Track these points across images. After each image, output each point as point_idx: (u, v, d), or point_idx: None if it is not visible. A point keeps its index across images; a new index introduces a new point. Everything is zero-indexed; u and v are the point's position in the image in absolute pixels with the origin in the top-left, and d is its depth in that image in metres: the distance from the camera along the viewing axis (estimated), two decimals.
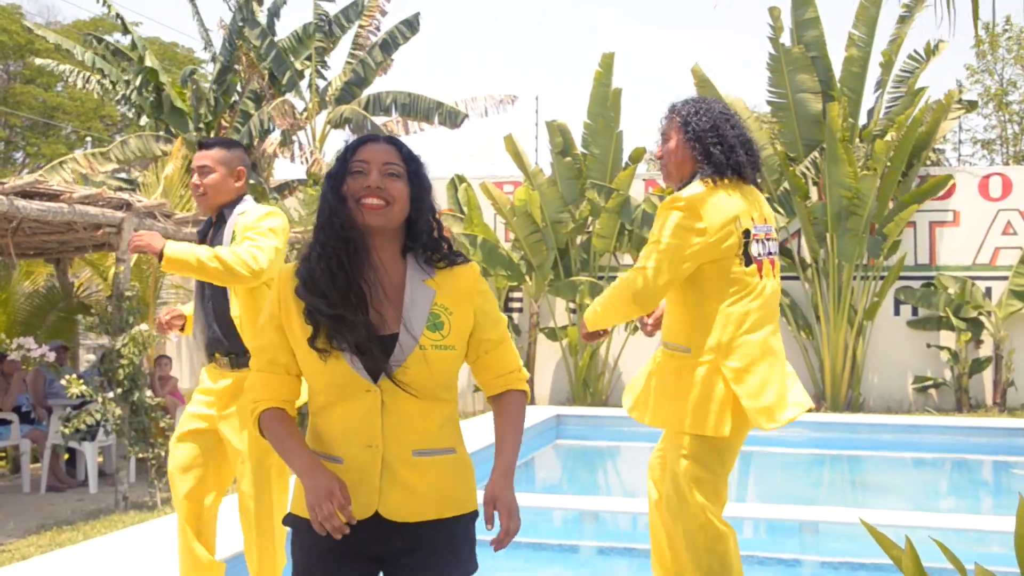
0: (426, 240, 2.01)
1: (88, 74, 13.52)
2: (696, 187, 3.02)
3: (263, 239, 3.29)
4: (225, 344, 3.37)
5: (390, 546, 1.94)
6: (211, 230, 3.51)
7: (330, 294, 1.91)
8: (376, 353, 1.90)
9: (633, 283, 2.96)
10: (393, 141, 2.04)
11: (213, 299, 3.40)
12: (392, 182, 1.96)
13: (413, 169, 2.01)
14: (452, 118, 14.00)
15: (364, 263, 1.95)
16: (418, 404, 1.93)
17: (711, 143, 3.03)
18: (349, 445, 1.94)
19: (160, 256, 3.21)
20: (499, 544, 1.93)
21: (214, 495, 3.44)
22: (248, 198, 3.53)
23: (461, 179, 13.49)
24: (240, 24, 12.75)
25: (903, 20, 12.50)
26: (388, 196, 1.95)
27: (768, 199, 12.87)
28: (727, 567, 2.93)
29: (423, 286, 1.97)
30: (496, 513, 1.94)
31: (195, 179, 3.44)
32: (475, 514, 2.03)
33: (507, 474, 1.99)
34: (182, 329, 3.61)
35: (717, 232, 2.91)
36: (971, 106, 13.90)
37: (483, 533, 2.04)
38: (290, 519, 2.03)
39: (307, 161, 13.96)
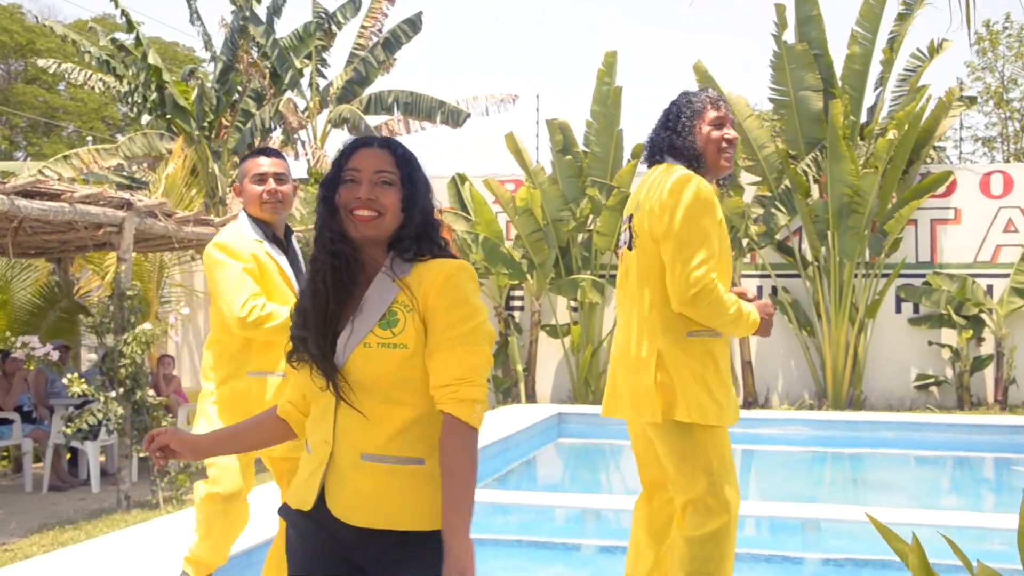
0: (409, 239, 1.95)
1: (90, 72, 13.51)
2: None
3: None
4: None
5: (360, 550, 1.92)
6: (278, 246, 3.45)
7: (308, 312, 1.96)
8: (322, 355, 1.92)
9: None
10: (388, 144, 1.99)
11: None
12: (384, 191, 1.93)
13: (407, 174, 1.96)
14: (455, 117, 14.00)
15: (354, 276, 1.95)
16: (369, 406, 1.88)
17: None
18: (314, 438, 1.99)
19: None
20: None
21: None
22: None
23: (463, 178, 13.49)
24: (242, 23, 12.75)
25: (902, 18, 12.48)
26: (379, 207, 1.91)
27: (769, 197, 12.91)
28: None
29: (388, 284, 1.92)
30: None
31: (271, 185, 3.37)
32: (435, 541, 1.85)
33: (456, 534, 1.81)
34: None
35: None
36: (971, 102, 13.89)
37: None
38: (283, 509, 2.05)
39: (309, 160, 13.96)
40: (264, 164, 3.41)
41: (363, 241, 1.94)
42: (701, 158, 3.09)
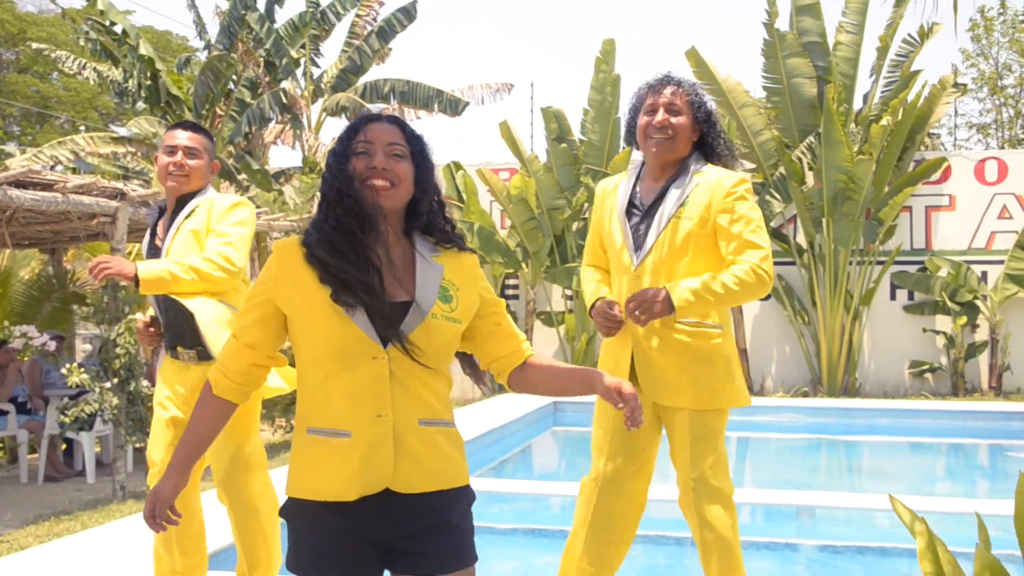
0: (429, 221, 2.04)
1: (84, 60, 13.44)
2: (719, 169, 3.07)
3: (234, 230, 3.25)
4: (188, 337, 3.29)
5: (398, 528, 1.92)
6: (161, 218, 3.42)
7: (352, 260, 1.90)
8: (387, 316, 1.90)
9: (766, 265, 2.93)
10: (396, 121, 2.04)
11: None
12: (397, 163, 1.97)
13: (417, 149, 2.01)
14: (453, 106, 13.97)
15: (375, 241, 1.96)
16: (423, 373, 1.94)
17: (714, 132, 3.10)
18: (356, 417, 1.90)
19: (136, 281, 3.10)
20: (629, 420, 1.98)
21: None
22: (212, 189, 3.47)
23: (458, 166, 13.47)
24: (242, 12, 12.69)
25: (899, 3, 12.46)
26: (394, 177, 1.95)
27: (764, 184, 12.93)
28: None
29: (432, 262, 2.01)
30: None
31: (178, 158, 3.31)
32: (472, 494, 2.03)
33: (602, 376, 2.03)
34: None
35: None
36: (963, 89, 13.90)
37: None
38: (292, 504, 1.99)
39: (304, 149, 13.92)
40: (177, 136, 3.36)
41: (377, 211, 1.95)
42: (640, 147, 3.13)
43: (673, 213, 2.97)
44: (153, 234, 3.45)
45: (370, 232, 1.94)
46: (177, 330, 3.33)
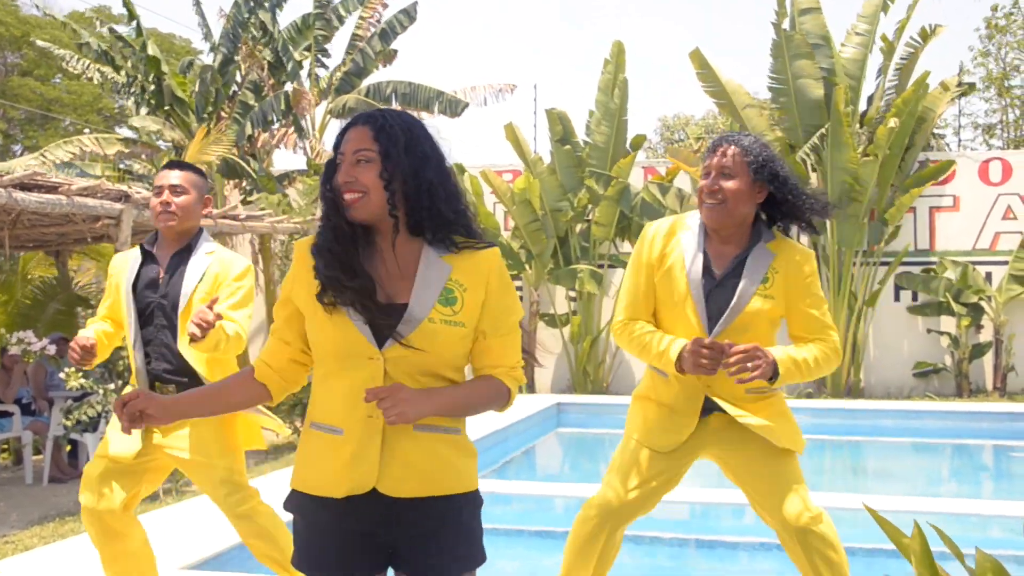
0: (432, 218, 1.94)
1: (88, 62, 13.46)
2: (790, 243, 3.07)
3: (244, 310, 3.38)
4: (172, 376, 3.35)
5: (398, 529, 1.92)
6: (152, 255, 3.44)
7: (338, 262, 1.92)
8: (380, 315, 1.89)
9: (837, 344, 3.07)
10: (370, 119, 1.96)
11: (166, 331, 3.35)
12: (363, 170, 1.91)
13: (384, 148, 1.91)
14: (452, 107, 13.98)
15: (371, 247, 1.95)
16: (423, 377, 1.91)
17: (786, 190, 2.99)
18: (349, 415, 1.91)
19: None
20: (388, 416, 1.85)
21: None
22: (206, 232, 3.52)
23: (461, 168, 13.47)
24: (247, 15, 12.71)
25: (909, 9, 12.47)
26: (359, 187, 1.90)
27: None
28: None
29: (439, 261, 1.94)
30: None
31: (164, 197, 3.35)
32: (477, 496, 2.01)
33: (431, 394, 1.89)
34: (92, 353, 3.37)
35: None
36: (969, 88, 13.89)
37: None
38: (293, 496, 2.00)
39: (308, 151, 13.94)
40: (165, 176, 3.40)
41: (356, 221, 1.93)
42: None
43: (755, 291, 2.95)
44: (148, 260, 3.43)
45: (363, 240, 1.94)
46: (157, 369, 3.36)
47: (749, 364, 2.78)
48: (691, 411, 3.04)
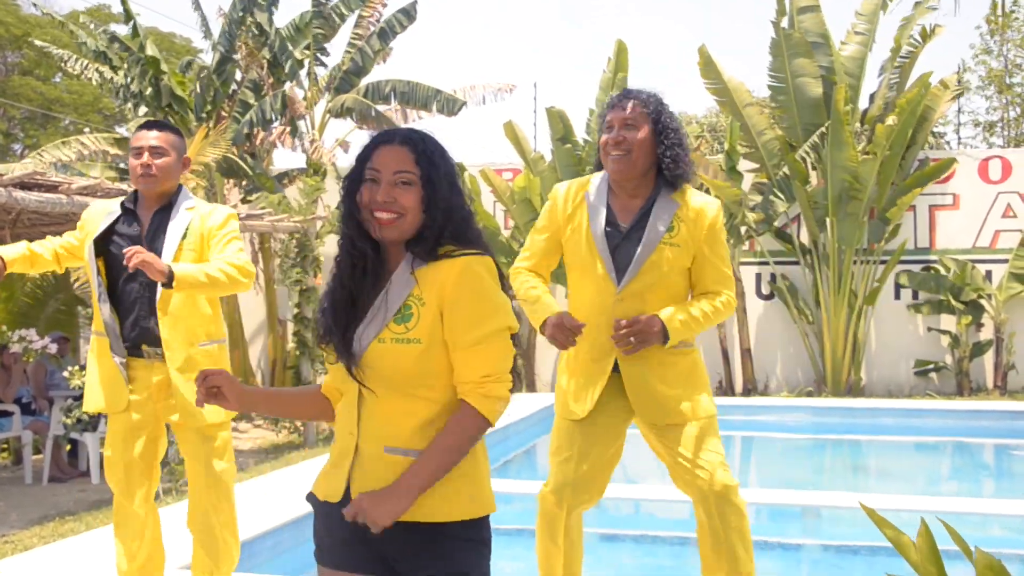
0: (427, 242, 1.92)
1: (87, 61, 13.45)
2: (698, 193, 3.12)
3: (236, 243, 3.41)
4: (156, 335, 3.35)
5: (390, 544, 1.90)
6: (136, 213, 3.46)
7: (333, 305, 1.98)
8: (340, 348, 1.94)
9: (732, 297, 3.09)
10: (409, 140, 1.94)
11: (149, 289, 3.34)
12: (403, 192, 1.90)
13: (426, 173, 1.91)
14: (450, 106, 13.95)
15: (377, 272, 1.95)
16: (391, 399, 1.90)
17: (680, 150, 3.06)
18: (340, 429, 2.00)
19: (168, 278, 3.12)
20: (349, 512, 1.86)
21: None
22: (185, 189, 3.52)
23: (461, 168, 13.46)
24: (241, 13, 12.70)
25: (916, 5, 12.46)
26: (399, 208, 1.90)
27: (768, 184, 12.91)
28: None
29: (407, 278, 1.91)
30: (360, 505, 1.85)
31: (145, 159, 3.36)
32: (473, 526, 1.91)
33: (396, 487, 1.84)
34: None
35: None
36: (965, 87, 13.89)
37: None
38: (310, 498, 2.05)
39: (307, 150, 13.92)
40: (144, 137, 3.40)
41: (385, 241, 1.94)
42: (604, 165, 3.14)
43: (660, 238, 3.01)
44: (128, 218, 3.44)
45: (373, 264, 1.95)
46: (144, 329, 3.36)
47: (632, 339, 2.92)
48: (599, 374, 3.07)
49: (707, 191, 3.28)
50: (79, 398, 7.29)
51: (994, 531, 5.22)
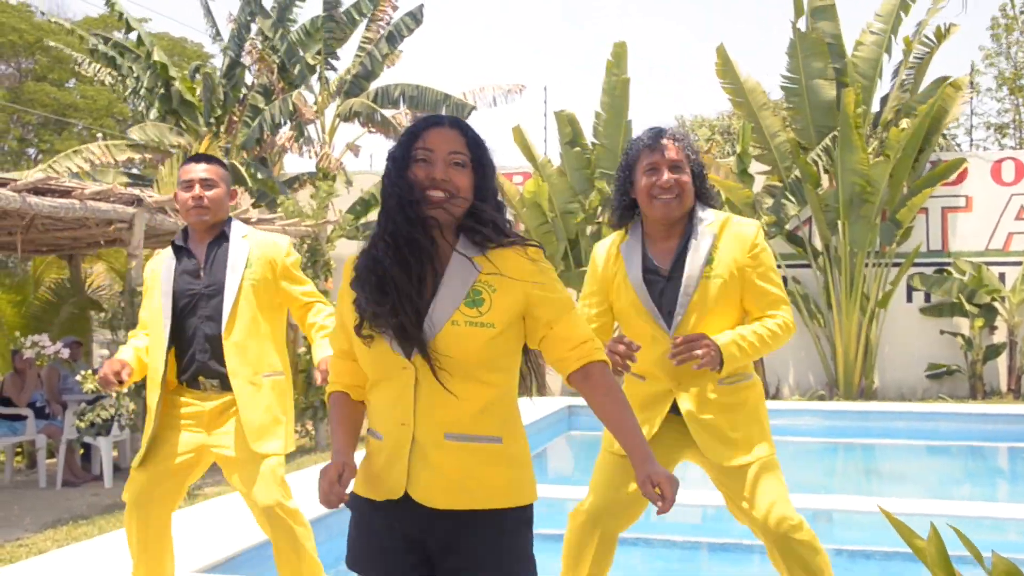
0: (485, 227, 1.95)
1: (99, 66, 13.54)
2: (731, 217, 3.04)
3: (307, 286, 3.52)
4: (212, 368, 3.33)
5: (433, 536, 1.91)
6: (187, 249, 3.44)
7: (378, 298, 1.91)
8: (411, 329, 1.87)
9: (789, 319, 2.97)
10: (458, 125, 1.99)
11: (210, 322, 3.33)
12: (457, 172, 1.93)
13: (477, 156, 1.96)
14: (459, 110, 13.98)
15: (428, 254, 1.93)
16: (453, 384, 1.87)
17: (707, 182, 3.05)
18: (387, 422, 1.94)
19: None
20: (662, 510, 1.94)
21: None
22: (233, 218, 3.52)
23: None
24: (247, 18, 12.77)
25: (930, 11, 12.42)
26: (452, 188, 1.91)
27: (779, 187, 12.90)
28: None
29: (467, 264, 1.93)
30: (658, 489, 1.93)
31: (196, 191, 3.35)
32: (525, 512, 1.96)
33: (646, 459, 1.95)
34: (123, 380, 3.38)
35: None
36: (977, 89, 13.84)
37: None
38: (352, 498, 2.02)
39: (316, 155, 13.96)
40: (193, 170, 3.40)
41: (435, 220, 1.93)
42: (640, 209, 3.02)
43: (701, 274, 2.91)
44: (182, 255, 3.43)
45: (424, 246, 1.92)
46: (202, 360, 3.35)
47: (697, 351, 2.79)
48: (657, 412, 3.01)
49: (718, 193, 3.26)
50: (92, 402, 7.32)
51: (1010, 535, 5.18)
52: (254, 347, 3.34)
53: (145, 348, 3.46)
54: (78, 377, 7.08)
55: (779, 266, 12.66)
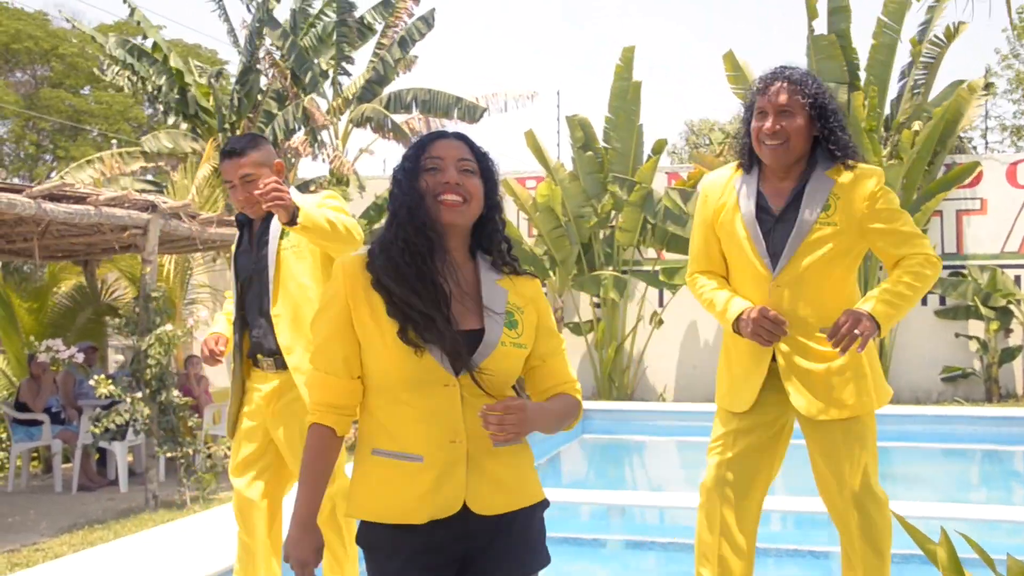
0: (496, 242, 2.03)
1: (117, 68, 13.60)
2: (852, 167, 2.92)
3: (340, 214, 3.25)
4: (266, 345, 3.32)
5: (475, 542, 1.93)
6: (252, 224, 3.44)
7: (420, 291, 1.88)
8: (462, 349, 1.88)
9: (930, 252, 2.86)
10: (463, 137, 2.03)
11: (262, 298, 3.32)
12: (468, 179, 1.96)
13: (485, 166, 2.01)
14: (470, 113, 13.99)
15: (443, 261, 1.94)
16: (489, 400, 1.91)
17: (842, 134, 2.90)
18: (430, 442, 1.89)
19: (293, 215, 3.00)
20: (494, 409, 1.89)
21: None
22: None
23: None
24: (258, 24, 12.82)
25: (931, 11, 12.35)
26: (466, 192, 1.94)
27: None
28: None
29: (497, 285, 2.00)
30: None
31: (241, 194, 3.33)
32: (546, 504, 2.07)
33: (542, 411, 2.01)
34: (222, 352, 3.44)
35: None
36: (989, 88, 13.74)
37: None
38: (370, 530, 1.97)
39: (328, 159, 14.00)
40: (231, 170, 3.35)
41: (447, 228, 1.95)
42: (754, 153, 2.95)
43: (815, 219, 2.84)
44: (243, 232, 3.47)
45: (439, 253, 1.92)
46: (258, 337, 3.35)
47: (856, 331, 2.75)
48: (756, 367, 2.95)
49: (852, 144, 3.15)
50: (107, 407, 7.36)
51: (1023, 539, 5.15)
52: (308, 315, 3.16)
53: (228, 316, 3.53)
54: (92, 382, 7.13)
55: None
